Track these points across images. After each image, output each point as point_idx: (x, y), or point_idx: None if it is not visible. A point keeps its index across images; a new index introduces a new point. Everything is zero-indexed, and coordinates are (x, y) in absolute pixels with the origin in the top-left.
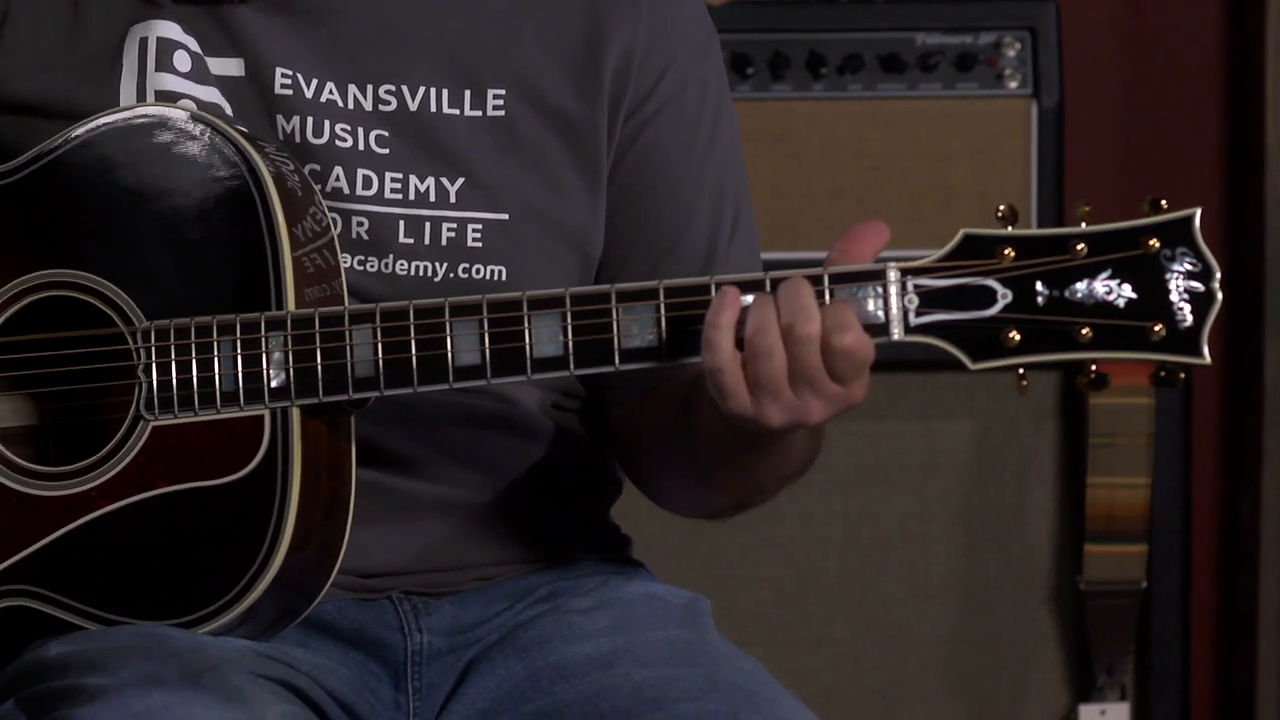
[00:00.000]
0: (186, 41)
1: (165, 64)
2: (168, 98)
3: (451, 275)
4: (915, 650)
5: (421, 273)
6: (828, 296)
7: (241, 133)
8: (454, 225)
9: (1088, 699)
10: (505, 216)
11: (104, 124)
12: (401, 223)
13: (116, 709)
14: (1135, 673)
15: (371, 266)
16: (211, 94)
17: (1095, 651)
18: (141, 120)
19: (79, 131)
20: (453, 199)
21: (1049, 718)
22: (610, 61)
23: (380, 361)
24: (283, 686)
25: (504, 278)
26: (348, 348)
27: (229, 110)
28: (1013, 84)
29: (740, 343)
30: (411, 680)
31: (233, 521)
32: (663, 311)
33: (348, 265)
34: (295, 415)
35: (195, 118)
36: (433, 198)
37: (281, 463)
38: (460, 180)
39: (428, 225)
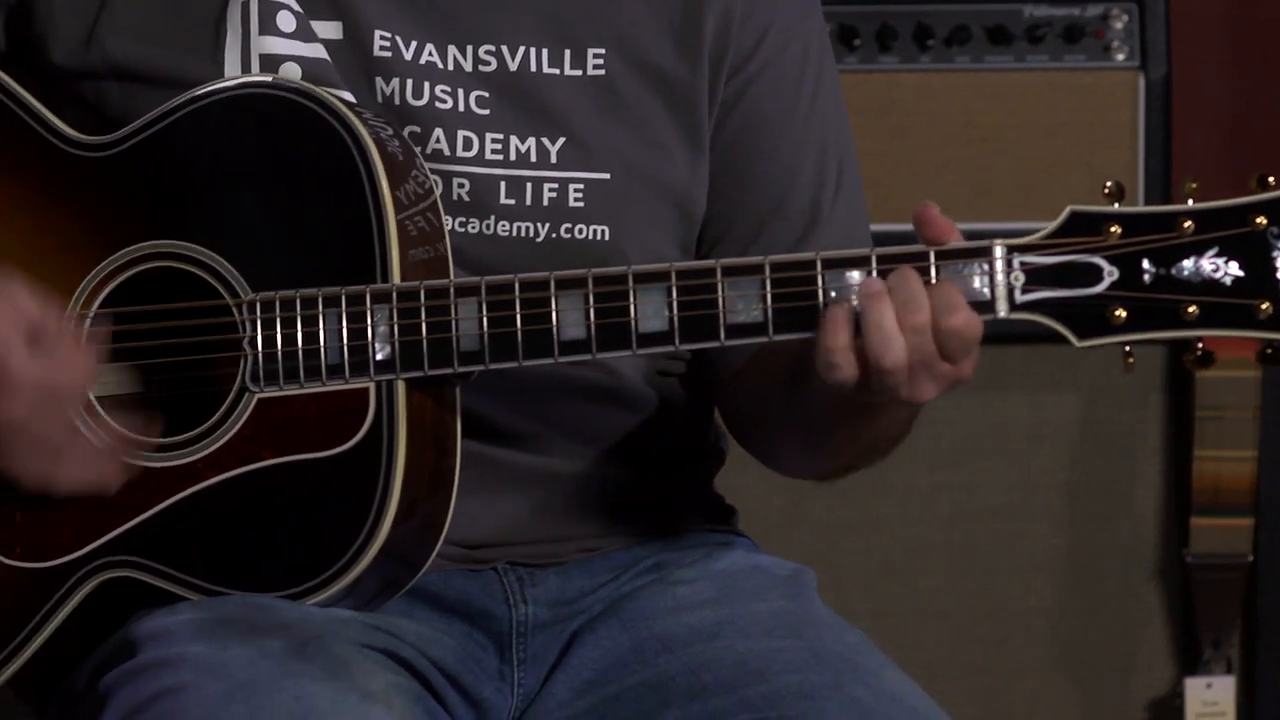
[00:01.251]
0: (289, 1)
1: (269, 27)
2: (272, 61)
3: (554, 235)
4: (1020, 623)
5: (523, 233)
6: (933, 274)
7: (342, 100)
8: (555, 185)
9: (1194, 672)
10: (606, 176)
11: (207, 94)
12: (503, 183)
13: (223, 678)
14: (1241, 646)
15: (473, 228)
16: (317, 50)
17: (1201, 625)
18: (244, 91)
19: (183, 102)
20: (553, 159)
21: (1154, 691)
22: (710, 22)
23: (485, 335)
24: (388, 657)
25: (606, 237)
26: (453, 321)
27: (335, 69)
28: (1120, 56)
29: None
30: (516, 651)
31: (338, 493)
32: (768, 287)
33: (449, 227)
34: (400, 387)
35: (296, 88)
36: (533, 158)
37: (387, 435)
38: (561, 140)
39: (529, 186)
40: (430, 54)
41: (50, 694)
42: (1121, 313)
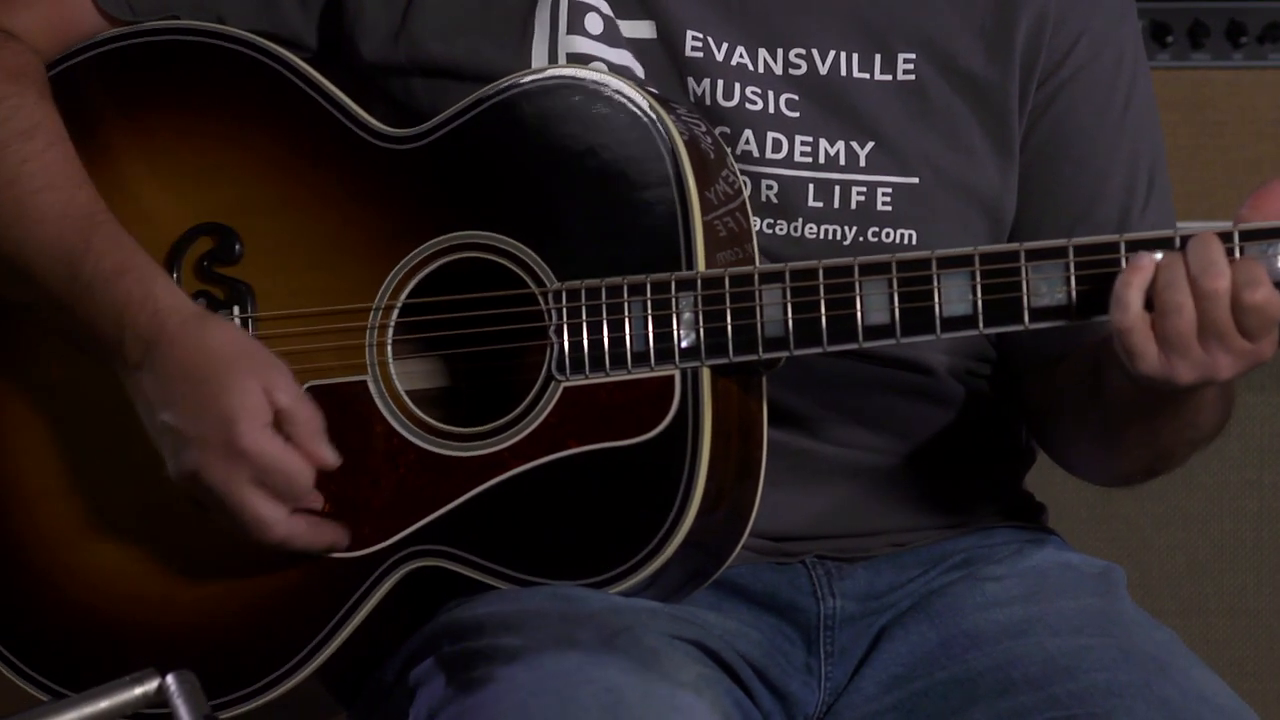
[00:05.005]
0: (598, 4)
1: (577, 26)
2: (579, 60)
3: (861, 239)
4: None
5: (831, 236)
6: (1238, 253)
7: (653, 95)
8: (864, 189)
9: None
10: (916, 180)
11: (516, 86)
12: (811, 186)
13: (533, 669)
14: None
15: (780, 230)
16: (623, 57)
17: None
18: (553, 82)
19: (488, 94)
20: (862, 163)
21: None
22: (1023, 26)
23: (790, 321)
24: (697, 648)
25: (914, 241)
26: (758, 308)
27: (640, 73)
28: None
29: (1149, 303)
30: (824, 645)
31: (643, 482)
32: (1072, 270)
33: (756, 228)
34: (705, 375)
35: (607, 80)
36: (842, 161)
37: (692, 423)
38: (870, 144)
39: (837, 189)
40: (741, 55)
41: (358, 686)
42: None
